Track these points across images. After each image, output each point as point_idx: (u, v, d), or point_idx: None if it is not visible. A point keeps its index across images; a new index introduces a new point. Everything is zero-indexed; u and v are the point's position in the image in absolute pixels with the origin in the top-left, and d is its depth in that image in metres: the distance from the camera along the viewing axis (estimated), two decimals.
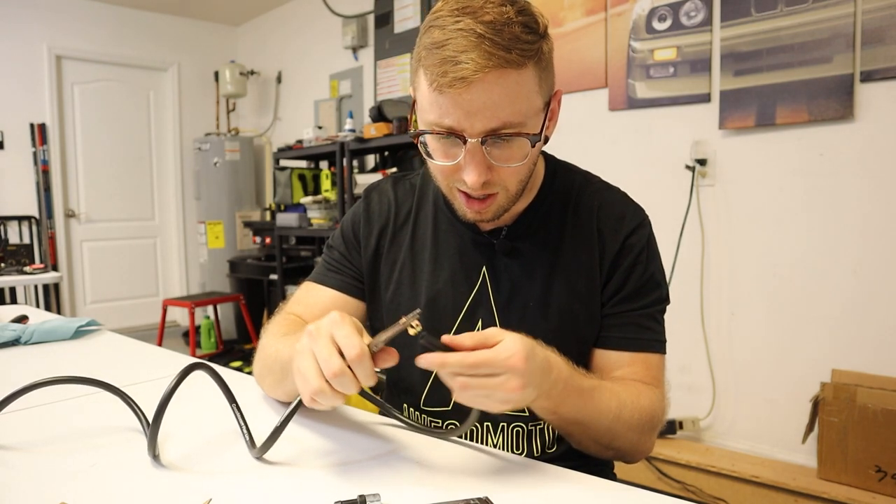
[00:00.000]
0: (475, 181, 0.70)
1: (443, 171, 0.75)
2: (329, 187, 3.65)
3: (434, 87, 0.67)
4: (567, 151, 0.96)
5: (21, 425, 0.74)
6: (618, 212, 0.85)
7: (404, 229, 0.90)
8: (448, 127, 0.68)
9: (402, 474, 0.62)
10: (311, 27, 4.40)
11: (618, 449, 0.76)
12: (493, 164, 0.71)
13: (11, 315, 1.39)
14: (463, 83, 0.64)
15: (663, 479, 2.21)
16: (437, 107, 0.68)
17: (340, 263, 0.92)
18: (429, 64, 0.67)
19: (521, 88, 0.67)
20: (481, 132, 0.68)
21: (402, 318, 0.59)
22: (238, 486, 0.59)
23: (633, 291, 0.82)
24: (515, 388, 0.58)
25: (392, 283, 0.88)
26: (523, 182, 0.76)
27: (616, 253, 0.82)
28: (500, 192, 0.75)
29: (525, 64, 0.66)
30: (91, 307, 4.65)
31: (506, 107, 0.66)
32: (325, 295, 0.90)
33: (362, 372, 0.57)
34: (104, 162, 4.70)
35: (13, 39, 4.20)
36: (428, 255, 0.87)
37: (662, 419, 0.79)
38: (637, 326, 0.82)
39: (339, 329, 0.58)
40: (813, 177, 2.06)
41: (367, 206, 0.93)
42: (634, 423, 0.73)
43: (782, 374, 2.15)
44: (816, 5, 1.98)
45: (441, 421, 0.86)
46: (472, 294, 0.84)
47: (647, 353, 0.81)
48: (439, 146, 0.73)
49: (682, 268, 2.35)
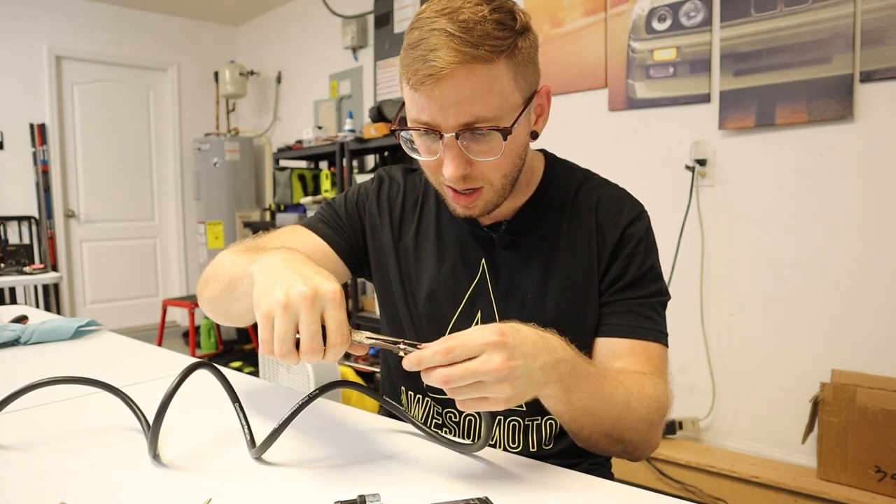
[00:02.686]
0: (453, 174, 0.71)
1: (428, 167, 0.77)
2: (329, 187, 3.65)
3: (410, 84, 0.70)
4: (567, 151, 0.97)
5: (21, 425, 0.74)
6: (616, 205, 0.85)
7: (410, 218, 0.91)
8: (425, 123, 0.71)
9: (402, 474, 0.62)
10: (311, 27, 4.40)
11: (628, 442, 0.74)
12: (472, 159, 0.72)
13: (11, 315, 1.39)
14: (431, 79, 0.67)
15: (663, 479, 2.21)
16: (414, 104, 0.71)
17: (336, 222, 0.93)
18: (406, 63, 0.70)
19: (492, 84, 0.68)
20: (455, 127, 0.69)
21: (401, 342, 0.58)
22: (238, 486, 0.59)
23: (632, 280, 0.82)
24: (502, 365, 0.53)
25: (398, 269, 0.90)
26: (508, 177, 0.77)
27: (615, 243, 0.83)
28: (485, 187, 0.76)
29: (495, 60, 0.68)
30: (91, 307, 4.65)
31: (477, 101, 0.68)
32: (311, 239, 0.89)
33: (332, 357, 0.55)
34: (104, 162, 4.70)
35: (13, 39, 4.20)
36: (431, 245, 0.89)
37: (667, 410, 0.77)
38: (637, 315, 0.81)
39: (337, 312, 0.56)
40: (812, 177, 2.06)
41: (379, 185, 0.94)
42: (643, 413, 0.72)
43: (782, 374, 2.15)
44: (816, 5, 1.98)
45: (441, 408, 0.87)
46: (472, 286, 0.85)
47: (648, 342, 0.80)
48: (422, 143, 0.75)
49: (682, 268, 2.35)
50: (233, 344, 4.42)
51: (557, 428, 0.85)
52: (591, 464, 0.87)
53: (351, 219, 0.93)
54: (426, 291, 0.87)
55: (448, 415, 0.87)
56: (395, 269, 0.90)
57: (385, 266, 0.92)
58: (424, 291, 0.87)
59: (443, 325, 0.86)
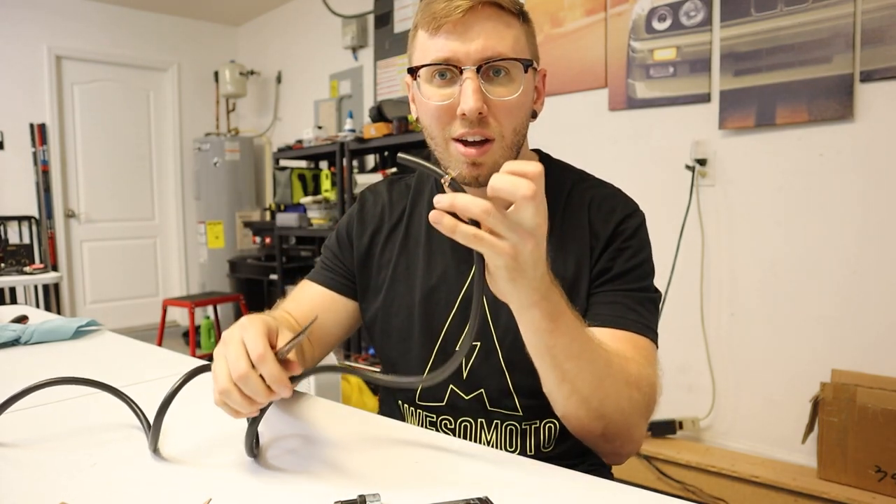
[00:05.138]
0: (472, 107, 0.70)
1: (438, 117, 0.75)
2: (329, 187, 3.65)
3: (431, 28, 0.73)
4: (567, 151, 0.97)
5: (21, 425, 0.74)
6: (609, 204, 0.85)
7: (398, 228, 0.92)
8: (445, 59, 0.72)
9: (402, 474, 0.62)
10: (311, 27, 4.40)
11: (608, 419, 0.69)
12: (490, 98, 0.73)
13: (11, 315, 1.39)
14: (458, 10, 0.70)
15: (663, 479, 2.21)
16: (433, 46, 0.73)
17: (332, 262, 0.95)
18: (426, 15, 0.73)
19: (511, 30, 0.74)
20: (477, 60, 0.71)
21: (303, 326, 0.60)
22: (238, 486, 0.59)
23: (620, 273, 0.81)
24: (534, 213, 0.53)
25: (386, 280, 0.90)
26: (517, 133, 0.77)
27: (607, 238, 0.82)
28: (495, 141, 0.75)
29: (514, 13, 0.74)
30: (91, 307, 4.65)
31: (499, 39, 0.72)
32: (314, 291, 0.93)
33: (268, 373, 0.56)
34: (104, 162, 4.70)
35: (13, 40, 4.21)
36: (422, 251, 0.89)
37: (653, 398, 0.73)
38: (624, 307, 0.79)
39: (246, 332, 0.58)
40: (812, 177, 2.06)
41: (361, 208, 0.96)
42: (623, 383, 0.68)
43: (782, 374, 2.15)
44: (816, 5, 1.98)
45: (436, 416, 0.87)
46: (465, 288, 0.85)
47: (634, 334, 0.77)
48: (434, 89, 0.75)
49: (682, 268, 2.35)
50: None
51: (557, 431, 0.85)
52: (590, 465, 0.87)
53: (343, 252, 0.94)
54: (419, 296, 0.86)
55: (444, 422, 0.87)
56: (387, 281, 0.90)
57: (374, 280, 0.92)
58: (418, 296, 0.86)
59: (437, 329, 0.85)
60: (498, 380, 0.83)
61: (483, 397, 0.84)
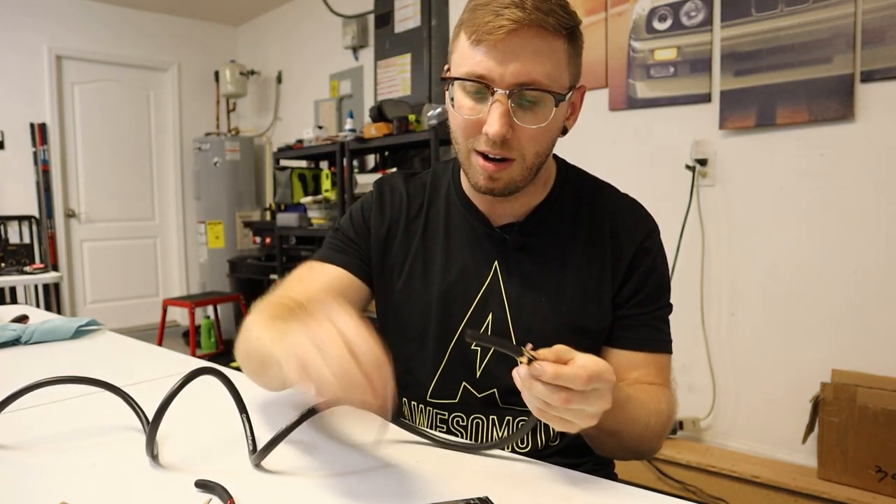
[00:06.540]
0: (497, 131, 0.71)
1: (465, 128, 0.76)
2: (329, 187, 3.65)
3: (472, 39, 0.71)
4: (567, 151, 0.97)
5: (21, 425, 0.74)
6: (633, 216, 0.87)
7: (416, 222, 0.91)
8: (479, 75, 0.71)
9: (402, 474, 0.62)
10: (311, 27, 4.40)
11: (639, 452, 0.79)
12: (516, 124, 0.73)
13: (11, 315, 1.39)
14: (502, 30, 0.68)
15: (663, 479, 2.21)
16: (472, 57, 0.72)
17: (347, 245, 0.92)
18: (471, 20, 0.72)
19: (552, 54, 0.71)
20: (510, 84, 0.70)
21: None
22: (238, 491, 0.59)
23: (649, 294, 0.84)
24: (606, 402, 0.58)
25: (404, 273, 0.89)
26: (540, 156, 0.77)
27: (633, 255, 0.84)
28: (516, 160, 0.75)
29: (560, 34, 0.71)
30: (91, 307, 4.65)
31: (536, 64, 0.70)
32: (329, 272, 0.89)
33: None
34: (104, 162, 4.70)
35: (13, 39, 4.21)
36: (440, 247, 0.88)
37: (675, 414, 0.83)
38: (651, 328, 0.84)
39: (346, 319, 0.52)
40: (813, 177, 2.06)
41: (379, 196, 0.94)
42: (658, 430, 0.77)
43: (782, 375, 2.15)
44: (816, 5, 1.98)
45: (447, 413, 0.87)
46: (483, 288, 0.85)
47: (660, 354, 0.84)
48: (466, 100, 0.75)
49: (683, 268, 2.35)
50: (233, 344, 4.42)
51: None
52: (595, 464, 0.87)
53: (360, 236, 0.92)
54: (437, 294, 0.86)
55: (455, 419, 0.87)
56: (403, 275, 0.89)
57: (390, 273, 0.90)
58: (435, 293, 0.86)
59: (453, 328, 0.85)
60: (512, 379, 0.83)
61: (495, 395, 0.84)
